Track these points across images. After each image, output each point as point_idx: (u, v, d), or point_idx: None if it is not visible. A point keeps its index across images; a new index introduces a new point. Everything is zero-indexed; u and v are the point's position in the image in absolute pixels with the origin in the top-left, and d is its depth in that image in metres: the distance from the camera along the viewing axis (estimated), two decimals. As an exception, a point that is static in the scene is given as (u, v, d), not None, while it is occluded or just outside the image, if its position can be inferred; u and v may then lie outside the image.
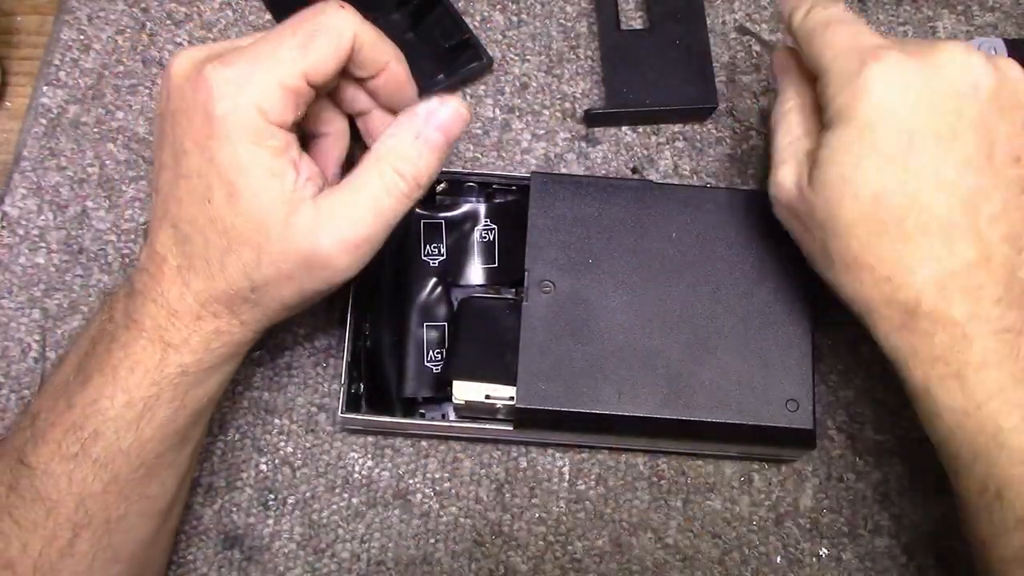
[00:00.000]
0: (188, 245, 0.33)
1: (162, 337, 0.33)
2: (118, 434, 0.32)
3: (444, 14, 0.49)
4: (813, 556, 0.43)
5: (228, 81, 0.32)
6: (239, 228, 0.32)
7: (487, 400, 0.39)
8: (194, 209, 0.33)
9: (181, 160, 0.33)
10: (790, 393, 0.39)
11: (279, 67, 0.32)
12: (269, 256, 0.32)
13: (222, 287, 0.33)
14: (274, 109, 0.32)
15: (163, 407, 0.33)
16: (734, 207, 0.42)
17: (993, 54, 0.35)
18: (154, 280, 0.33)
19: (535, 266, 0.40)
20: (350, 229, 0.33)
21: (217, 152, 0.32)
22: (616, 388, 0.39)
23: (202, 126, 0.32)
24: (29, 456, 0.32)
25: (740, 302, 0.40)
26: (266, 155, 0.32)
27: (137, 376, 0.32)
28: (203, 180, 0.32)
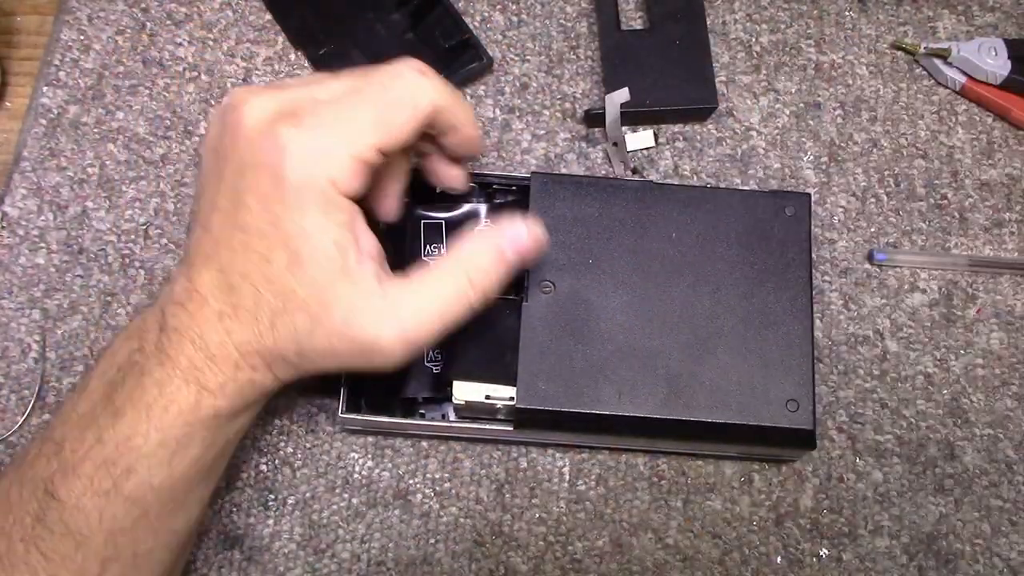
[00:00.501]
0: (236, 296, 0.32)
1: (198, 379, 0.32)
2: (151, 471, 0.32)
3: (444, 14, 0.50)
4: (813, 556, 0.43)
5: (304, 148, 0.31)
6: (299, 295, 0.32)
7: (487, 400, 0.39)
8: (249, 264, 0.32)
9: (241, 212, 0.32)
10: (790, 393, 0.39)
11: (355, 140, 0.32)
12: (325, 331, 0.32)
13: (268, 345, 0.32)
14: (345, 180, 0.32)
15: (195, 446, 0.33)
16: (734, 207, 0.42)
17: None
18: (193, 320, 0.33)
19: (535, 266, 0.40)
20: (414, 326, 0.33)
21: (284, 217, 0.31)
22: (616, 388, 0.39)
23: (271, 188, 0.32)
24: (59, 489, 0.32)
25: (740, 302, 0.40)
26: (333, 227, 0.32)
27: (171, 416, 0.32)
28: (264, 240, 0.32)
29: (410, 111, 0.33)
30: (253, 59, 0.50)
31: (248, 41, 0.50)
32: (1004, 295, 0.47)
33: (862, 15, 0.53)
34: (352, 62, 0.49)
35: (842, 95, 0.51)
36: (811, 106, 0.50)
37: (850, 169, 0.49)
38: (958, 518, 0.43)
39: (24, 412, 0.43)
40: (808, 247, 0.41)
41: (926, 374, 0.46)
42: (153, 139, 0.48)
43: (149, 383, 0.32)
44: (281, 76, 0.50)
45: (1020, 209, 0.49)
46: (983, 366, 0.46)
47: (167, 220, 0.47)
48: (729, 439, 0.40)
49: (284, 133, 0.32)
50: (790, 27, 0.52)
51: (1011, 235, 0.48)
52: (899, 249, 0.48)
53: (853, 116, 0.50)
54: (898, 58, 0.52)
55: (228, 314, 0.32)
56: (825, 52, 0.52)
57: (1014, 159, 0.50)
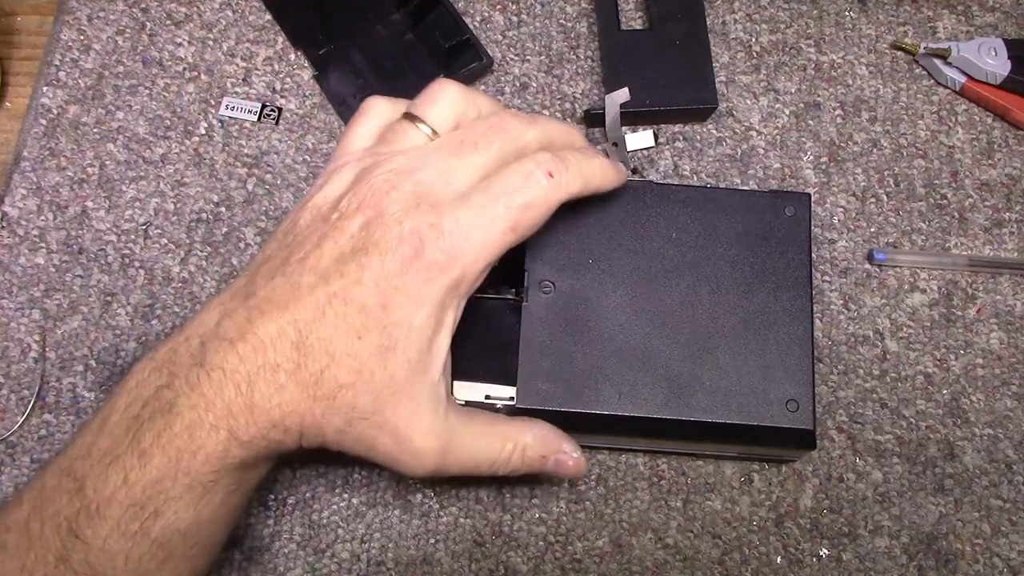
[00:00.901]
0: (304, 356, 0.31)
1: (230, 427, 0.31)
2: (177, 515, 0.31)
3: (444, 14, 0.50)
4: (813, 556, 0.43)
5: (441, 250, 0.32)
6: (376, 379, 0.32)
7: (487, 400, 0.39)
8: (336, 333, 0.32)
9: (350, 284, 0.32)
10: (790, 393, 0.39)
11: (490, 250, 0.33)
12: (382, 421, 0.32)
13: (316, 414, 0.32)
14: (471, 285, 0.33)
15: (221, 491, 0.32)
16: (734, 207, 0.42)
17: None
18: (243, 363, 0.31)
19: (535, 266, 0.40)
20: (454, 458, 0.34)
21: (397, 303, 0.32)
22: (616, 389, 0.39)
23: (394, 274, 0.32)
24: (83, 529, 0.31)
25: (740, 302, 0.40)
26: (441, 329, 0.33)
27: (199, 461, 0.31)
28: (365, 318, 0.32)
29: (542, 214, 0.34)
30: (253, 59, 0.50)
31: (248, 41, 0.51)
32: (1004, 295, 0.47)
33: (862, 15, 0.53)
34: (352, 62, 0.49)
35: (842, 95, 0.51)
36: (811, 106, 0.50)
37: (850, 169, 0.49)
38: (958, 518, 0.43)
39: (24, 412, 0.43)
40: (808, 247, 0.41)
41: (926, 374, 0.46)
42: (153, 139, 0.48)
43: (179, 426, 0.31)
44: (281, 76, 0.50)
45: (1020, 209, 0.49)
46: (983, 366, 0.46)
47: (167, 220, 0.47)
48: (729, 439, 0.39)
49: (424, 229, 0.32)
50: (790, 27, 0.52)
51: (1011, 235, 0.48)
52: (899, 249, 0.48)
53: (853, 116, 0.50)
54: (898, 58, 0.52)
55: (288, 370, 0.31)
56: (825, 52, 0.52)
57: (1014, 159, 0.50)
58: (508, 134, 0.35)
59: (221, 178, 0.48)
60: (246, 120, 0.49)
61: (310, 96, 0.50)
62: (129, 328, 0.45)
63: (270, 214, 0.47)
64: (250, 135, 0.49)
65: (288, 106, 0.49)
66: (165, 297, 0.45)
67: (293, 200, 0.48)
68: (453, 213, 0.32)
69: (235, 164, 0.48)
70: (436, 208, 0.32)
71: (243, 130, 0.49)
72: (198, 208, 0.47)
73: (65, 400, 0.43)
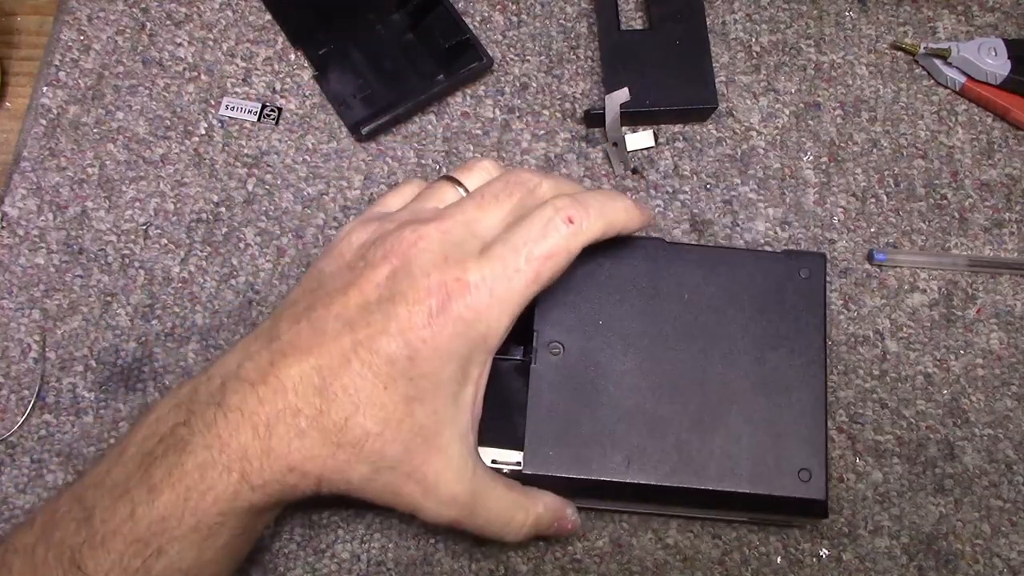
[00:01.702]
0: (327, 402, 0.31)
1: (243, 470, 0.31)
2: (181, 554, 0.31)
3: (444, 14, 0.50)
4: (813, 556, 0.43)
5: (469, 306, 0.32)
6: (404, 428, 0.32)
7: (494, 465, 0.38)
8: (362, 382, 0.31)
9: (376, 334, 0.32)
10: (802, 462, 0.38)
11: (514, 303, 0.33)
12: (410, 470, 0.32)
13: (338, 463, 0.32)
14: (497, 340, 0.33)
15: (225, 534, 0.32)
16: (748, 268, 0.41)
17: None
18: (262, 406, 0.31)
19: (544, 327, 0.39)
20: (471, 514, 0.34)
21: (426, 356, 0.31)
22: (625, 455, 0.37)
23: (421, 325, 0.31)
24: (87, 561, 0.31)
25: (752, 367, 0.39)
26: (468, 382, 0.33)
27: (207, 502, 0.31)
28: (390, 368, 0.31)
29: (563, 261, 0.34)
30: (253, 59, 0.50)
31: (248, 41, 0.51)
32: (1004, 295, 0.47)
33: (862, 15, 0.53)
34: (352, 62, 0.49)
35: (842, 95, 0.51)
36: (811, 106, 0.50)
37: (850, 169, 0.49)
38: (958, 518, 0.43)
39: (24, 412, 0.43)
40: (823, 311, 0.40)
41: (926, 374, 0.46)
42: (153, 139, 0.48)
43: (191, 465, 0.31)
44: (281, 76, 0.50)
45: (1020, 209, 0.49)
46: (983, 366, 0.46)
47: (167, 220, 0.47)
48: (739, 507, 0.39)
49: (451, 283, 0.32)
50: (790, 27, 0.52)
51: (1011, 235, 0.48)
52: (899, 249, 0.48)
53: (853, 116, 0.50)
54: (898, 58, 0.52)
55: (309, 416, 0.31)
56: (825, 52, 0.52)
57: (1014, 159, 0.50)
58: (525, 185, 0.36)
59: (221, 178, 0.48)
60: (246, 120, 0.49)
61: (310, 96, 0.50)
62: (129, 328, 0.45)
63: (270, 214, 0.47)
64: (250, 135, 0.49)
65: (288, 106, 0.49)
66: (165, 297, 0.45)
67: (293, 200, 0.48)
68: (479, 268, 0.32)
69: (235, 164, 0.48)
70: (462, 263, 0.32)
71: (243, 130, 0.49)
72: (198, 208, 0.47)
73: (65, 400, 0.43)
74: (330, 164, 0.48)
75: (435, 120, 0.50)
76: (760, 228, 0.48)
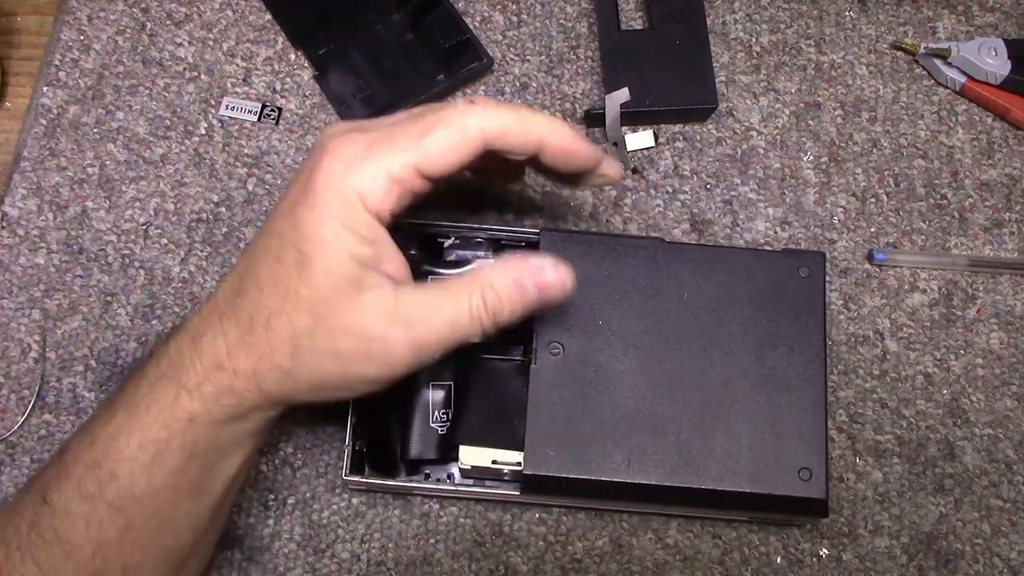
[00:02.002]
0: (241, 297, 0.33)
1: (180, 378, 0.32)
2: (132, 477, 0.32)
3: (444, 14, 0.49)
4: (813, 556, 0.43)
5: (339, 158, 0.32)
6: (302, 295, 0.32)
7: (494, 465, 0.38)
8: (262, 266, 0.33)
9: (272, 217, 0.33)
10: (802, 462, 0.38)
11: (391, 156, 0.32)
12: (329, 328, 0.32)
13: (259, 347, 0.32)
14: (374, 196, 0.32)
15: (173, 454, 0.32)
16: (747, 267, 0.41)
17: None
18: (200, 320, 0.33)
19: (543, 327, 0.39)
20: (423, 329, 0.32)
21: (304, 220, 0.32)
22: (625, 455, 0.37)
23: (300, 192, 0.32)
24: (52, 493, 0.32)
25: (752, 367, 0.39)
26: (351, 238, 0.32)
27: (152, 415, 0.32)
28: (280, 240, 0.32)
29: (455, 131, 0.33)
30: (253, 59, 0.50)
31: (248, 41, 0.50)
32: (1004, 295, 0.47)
33: (862, 15, 0.53)
34: (352, 62, 0.49)
35: (842, 95, 0.51)
36: (811, 106, 0.50)
37: (850, 169, 0.49)
38: (958, 518, 0.43)
39: (24, 412, 0.43)
40: (823, 309, 0.40)
41: (926, 374, 0.46)
42: (153, 139, 0.48)
43: (143, 384, 0.33)
44: (281, 76, 0.50)
45: (1020, 209, 0.49)
46: (983, 366, 0.46)
47: (167, 220, 0.47)
48: (739, 507, 0.39)
49: (329, 144, 0.32)
50: (790, 27, 0.52)
51: (1011, 235, 0.48)
52: (899, 249, 0.48)
53: (853, 116, 0.50)
54: (898, 58, 0.52)
55: (228, 315, 0.33)
56: (825, 52, 0.52)
57: (1014, 159, 0.50)
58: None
59: (221, 178, 0.48)
60: (246, 120, 0.49)
61: (310, 96, 0.50)
62: (129, 328, 0.45)
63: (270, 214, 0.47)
64: (250, 135, 0.49)
65: (288, 106, 0.49)
66: (165, 297, 0.45)
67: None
68: (363, 132, 0.33)
69: (235, 164, 0.48)
70: (349, 132, 0.33)
71: (243, 130, 0.49)
72: (198, 208, 0.47)
73: (65, 400, 0.43)
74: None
75: (435, 120, 0.49)
76: (760, 228, 0.48)
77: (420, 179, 0.32)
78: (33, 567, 0.31)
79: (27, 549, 0.31)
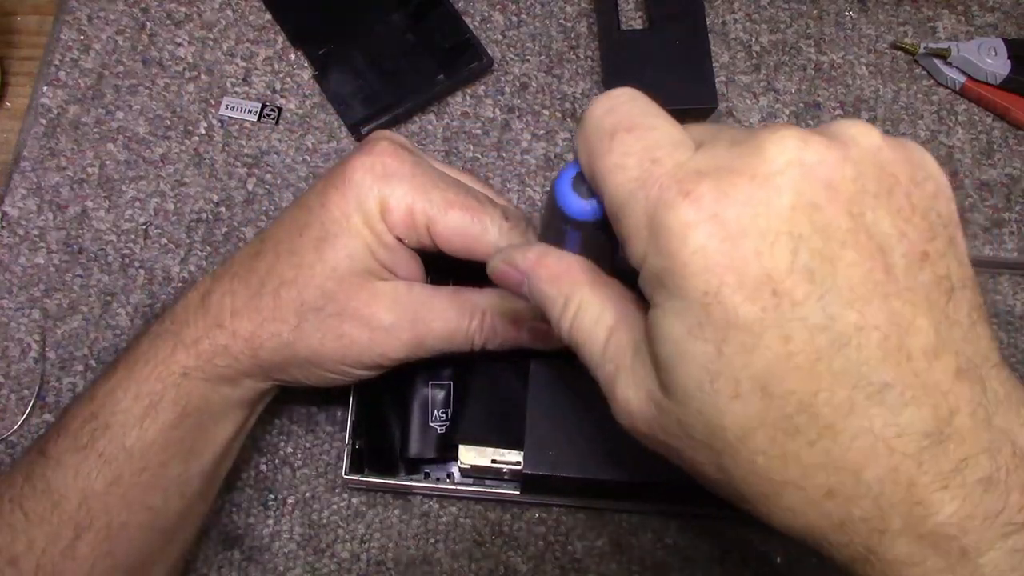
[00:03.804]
0: (257, 260, 0.33)
1: (180, 332, 0.33)
2: (124, 428, 0.32)
3: (444, 14, 0.50)
4: (813, 556, 0.42)
5: (383, 164, 0.33)
6: (316, 271, 0.32)
7: (493, 464, 0.38)
8: (283, 233, 0.33)
9: (305, 193, 0.34)
10: None
11: (421, 196, 0.33)
12: (337, 309, 0.33)
13: (262, 313, 0.33)
14: (394, 213, 0.33)
15: (167, 409, 0.33)
16: None
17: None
18: (212, 280, 0.34)
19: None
20: (424, 330, 0.34)
21: (333, 200, 0.33)
22: (627, 454, 0.37)
23: (338, 176, 0.33)
24: (49, 445, 0.33)
25: None
26: (372, 237, 0.33)
27: (148, 368, 0.33)
28: (308, 213, 0.33)
29: (472, 242, 0.34)
30: (253, 59, 0.50)
31: (248, 41, 0.51)
32: (1004, 295, 0.47)
33: (862, 15, 0.53)
34: (352, 62, 0.49)
35: (842, 95, 0.51)
36: (811, 106, 0.50)
37: (850, 169, 0.49)
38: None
39: (24, 412, 0.43)
40: None
41: (926, 374, 0.46)
42: (153, 139, 0.48)
43: (146, 339, 0.33)
44: (281, 76, 0.50)
45: (1020, 209, 0.49)
46: (983, 366, 0.46)
47: (167, 220, 0.47)
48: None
49: (381, 146, 0.33)
50: (790, 27, 0.52)
51: (1011, 235, 0.48)
52: (899, 249, 0.48)
53: (853, 116, 0.50)
54: (898, 58, 0.52)
55: (240, 275, 0.33)
56: (825, 52, 0.52)
57: (1014, 159, 0.50)
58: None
59: (221, 178, 0.48)
60: (246, 120, 0.49)
61: (310, 96, 0.50)
62: (129, 328, 0.45)
63: (270, 214, 0.47)
64: (250, 135, 0.49)
65: (288, 106, 0.49)
66: (165, 297, 0.45)
67: (293, 200, 0.48)
68: (415, 160, 0.34)
69: (235, 164, 0.48)
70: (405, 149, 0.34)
71: (243, 130, 0.49)
72: (198, 208, 0.47)
73: (65, 400, 0.43)
74: (330, 164, 0.48)
75: (435, 120, 0.50)
76: (760, 228, 0.48)
77: (428, 235, 0.33)
78: (21, 516, 0.32)
79: (18, 500, 0.32)
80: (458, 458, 0.38)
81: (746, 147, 0.22)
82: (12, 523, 0.32)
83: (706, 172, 0.22)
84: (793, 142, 0.22)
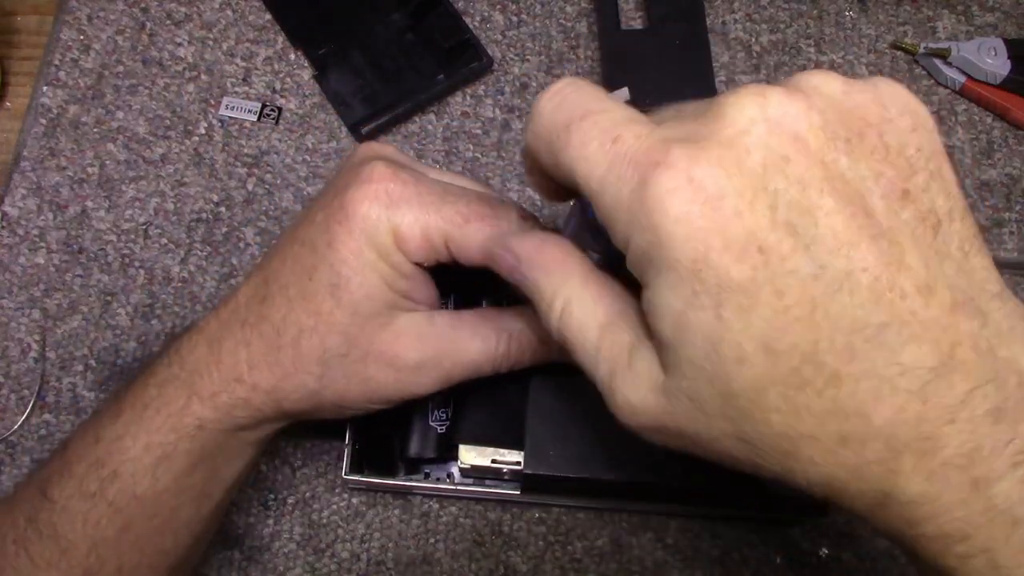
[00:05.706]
0: (266, 307, 0.31)
1: (194, 383, 0.31)
2: (135, 478, 0.31)
3: (444, 14, 0.50)
4: (813, 556, 0.42)
5: (386, 191, 0.30)
6: (336, 317, 0.31)
7: (494, 464, 0.38)
8: (291, 276, 0.31)
9: (305, 224, 0.32)
10: None
11: (436, 219, 0.31)
12: (362, 353, 0.31)
13: (284, 365, 0.31)
14: (409, 241, 0.31)
15: (180, 458, 0.32)
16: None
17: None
18: (220, 325, 0.32)
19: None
20: (450, 365, 0.32)
21: (340, 238, 0.30)
22: (629, 454, 0.37)
23: (337, 209, 0.31)
24: (52, 488, 0.31)
25: None
26: (388, 269, 0.31)
27: (160, 419, 0.31)
28: (313, 253, 0.31)
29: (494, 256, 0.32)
30: (253, 59, 0.50)
31: (248, 41, 0.51)
32: (1004, 295, 0.47)
33: (862, 15, 0.53)
34: (352, 62, 0.50)
35: (842, 95, 0.51)
36: (811, 106, 0.50)
37: (850, 169, 0.49)
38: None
39: (24, 412, 0.43)
40: None
41: (926, 374, 0.46)
42: (153, 139, 0.48)
43: (153, 384, 0.32)
44: (281, 76, 0.50)
45: (1020, 209, 0.49)
46: (983, 366, 0.46)
47: (167, 220, 0.47)
48: (742, 504, 0.38)
49: (377, 172, 0.31)
50: (790, 27, 0.52)
51: (1011, 235, 0.48)
52: (899, 249, 0.48)
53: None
54: (898, 58, 0.52)
55: (251, 323, 0.31)
56: (825, 52, 0.52)
57: (1014, 159, 0.50)
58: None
59: (221, 178, 0.48)
60: (246, 120, 0.49)
61: (310, 96, 0.50)
62: (129, 328, 0.45)
63: (270, 214, 0.47)
64: (250, 135, 0.49)
65: (288, 106, 0.49)
66: (165, 297, 0.45)
67: (293, 200, 0.48)
68: (417, 176, 0.32)
69: (235, 164, 0.48)
70: (402, 164, 0.33)
71: (243, 130, 0.49)
72: (198, 208, 0.47)
73: (65, 400, 0.43)
74: (330, 164, 0.48)
75: (435, 120, 0.50)
76: (760, 228, 0.48)
77: (447, 251, 0.32)
78: (27, 561, 0.31)
79: (22, 543, 0.31)
80: (458, 458, 0.38)
81: (708, 115, 0.22)
82: (17, 567, 0.31)
83: (672, 140, 0.22)
84: (752, 98, 0.22)
